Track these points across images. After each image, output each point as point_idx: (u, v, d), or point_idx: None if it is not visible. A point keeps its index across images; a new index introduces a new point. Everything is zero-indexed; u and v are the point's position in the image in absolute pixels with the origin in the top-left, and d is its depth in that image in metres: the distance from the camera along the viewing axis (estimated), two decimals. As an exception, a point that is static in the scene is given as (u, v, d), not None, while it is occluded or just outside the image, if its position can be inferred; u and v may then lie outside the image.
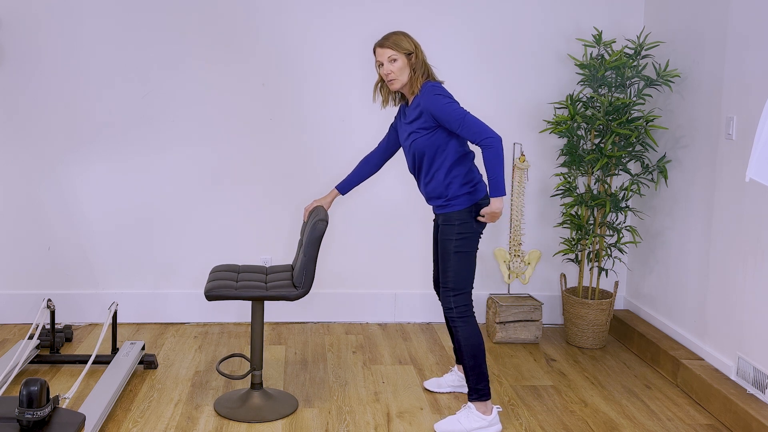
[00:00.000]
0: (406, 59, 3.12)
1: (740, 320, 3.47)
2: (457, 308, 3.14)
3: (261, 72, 4.39)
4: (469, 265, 3.15)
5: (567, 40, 4.49)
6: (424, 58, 3.16)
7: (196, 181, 4.45)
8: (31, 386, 2.55)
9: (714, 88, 3.73)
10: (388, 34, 3.16)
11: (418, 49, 3.14)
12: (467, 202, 3.13)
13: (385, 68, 3.14)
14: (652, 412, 3.45)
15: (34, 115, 4.32)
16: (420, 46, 3.17)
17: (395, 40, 3.12)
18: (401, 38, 3.13)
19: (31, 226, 4.40)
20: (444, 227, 3.15)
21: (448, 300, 3.15)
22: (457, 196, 3.12)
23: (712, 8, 3.76)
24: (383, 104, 3.31)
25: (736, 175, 3.53)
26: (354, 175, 3.46)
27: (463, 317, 3.14)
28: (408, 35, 3.16)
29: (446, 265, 3.15)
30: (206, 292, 3.19)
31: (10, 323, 4.44)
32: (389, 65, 3.12)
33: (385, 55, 3.13)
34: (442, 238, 3.16)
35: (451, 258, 3.13)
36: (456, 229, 3.12)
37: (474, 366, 3.15)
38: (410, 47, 3.12)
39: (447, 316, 3.18)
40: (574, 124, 4.17)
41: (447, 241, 3.14)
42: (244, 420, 3.23)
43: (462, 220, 3.12)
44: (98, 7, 4.27)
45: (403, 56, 3.11)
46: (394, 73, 3.13)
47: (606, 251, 4.29)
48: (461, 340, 3.14)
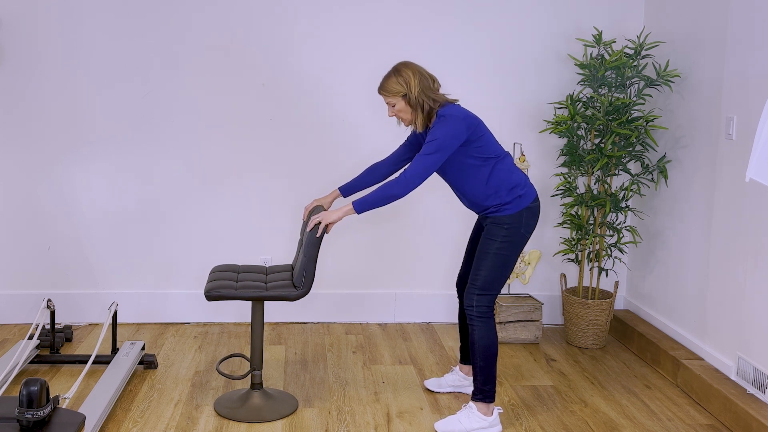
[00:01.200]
0: (403, 100, 3.11)
1: (740, 320, 3.47)
2: (478, 307, 3.13)
3: (261, 72, 4.39)
4: (504, 269, 3.14)
5: (567, 40, 4.49)
6: (423, 91, 3.08)
7: (196, 181, 4.45)
8: (31, 386, 2.55)
9: (714, 88, 3.73)
10: (382, 79, 3.15)
11: (412, 86, 3.07)
12: (518, 206, 3.12)
13: (389, 112, 3.19)
14: (652, 412, 3.45)
15: (34, 115, 4.32)
16: (414, 78, 3.08)
17: (387, 87, 3.12)
18: (392, 83, 3.11)
19: (31, 226, 4.40)
20: (492, 227, 3.13)
21: (471, 298, 3.14)
22: (508, 202, 3.12)
23: (712, 8, 3.76)
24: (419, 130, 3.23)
25: (736, 175, 3.53)
26: (359, 181, 3.45)
27: (482, 317, 3.14)
28: (400, 73, 3.10)
29: (481, 264, 3.13)
30: (206, 292, 3.19)
31: (10, 323, 4.44)
32: (391, 109, 3.17)
33: (385, 100, 3.17)
34: (486, 237, 3.14)
35: (489, 258, 3.12)
36: (503, 231, 3.11)
37: (484, 367, 3.15)
38: (401, 88, 3.09)
39: (467, 313, 3.17)
40: (574, 124, 4.17)
41: (490, 241, 3.12)
42: (244, 420, 3.23)
43: (511, 225, 3.11)
44: (98, 7, 4.26)
45: (398, 98, 3.12)
46: (397, 115, 3.17)
47: (606, 251, 4.29)
48: (476, 340, 3.14)
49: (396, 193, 3.03)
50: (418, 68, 3.13)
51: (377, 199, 3.05)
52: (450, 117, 3.05)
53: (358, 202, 3.06)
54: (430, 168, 3.02)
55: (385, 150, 4.39)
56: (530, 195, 3.16)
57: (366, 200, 3.05)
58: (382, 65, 4.42)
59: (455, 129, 3.03)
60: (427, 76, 3.13)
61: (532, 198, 3.16)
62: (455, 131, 3.03)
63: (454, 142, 3.03)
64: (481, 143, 3.10)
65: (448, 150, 3.03)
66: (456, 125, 3.03)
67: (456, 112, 3.07)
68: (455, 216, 4.58)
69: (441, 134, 3.02)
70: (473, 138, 3.08)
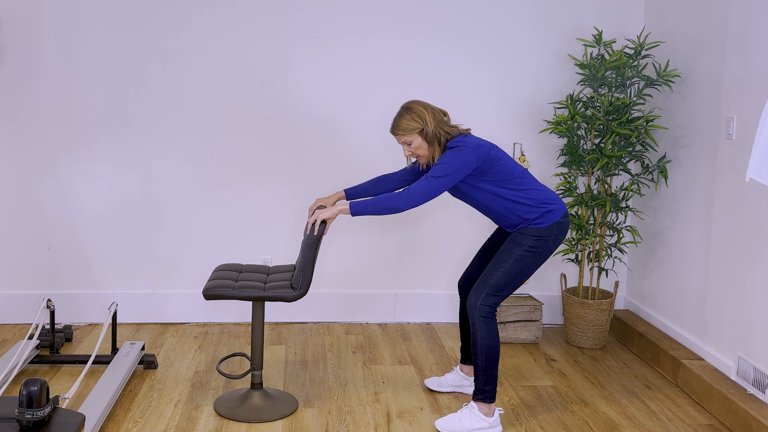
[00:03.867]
0: (420, 136, 3.11)
1: (740, 320, 3.47)
2: (482, 307, 3.13)
3: (261, 72, 4.39)
4: (520, 276, 3.14)
5: (567, 40, 4.49)
6: (438, 126, 3.10)
7: (197, 181, 4.45)
8: (31, 386, 2.55)
9: (714, 88, 3.73)
10: (395, 119, 3.15)
11: (428, 121, 3.09)
12: (548, 221, 3.11)
13: (405, 150, 3.18)
14: (652, 412, 3.45)
15: (34, 114, 4.32)
16: (428, 113, 3.10)
17: (401, 125, 3.11)
18: (407, 120, 3.11)
19: (31, 225, 4.40)
20: (519, 235, 3.13)
21: (478, 297, 3.13)
22: (537, 217, 3.12)
23: (712, 8, 3.76)
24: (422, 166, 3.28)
25: (736, 175, 3.53)
26: (366, 187, 3.44)
27: (484, 318, 3.13)
28: (412, 110, 3.11)
29: (500, 265, 3.12)
30: (204, 291, 3.19)
31: (10, 323, 4.43)
32: (407, 148, 3.16)
33: (399, 140, 3.16)
34: (512, 241, 3.13)
35: (510, 262, 3.11)
36: (531, 241, 3.10)
37: (486, 367, 3.15)
38: (418, 125, 3.09)
39: (469, 313, 3.16)
40: (574, 124, 4.17)
41: (516, 247, 3.12)
42: (244, 420, 3.23)
43: (540, 236, 3.11)
44: (98, 7, 4.26)
45: (415, 135, 3.11)
46: (414, 153, 3.16)
47: (606, 251, 4.29)
48: (478, 340, 3.14)
49: (395, 207, 3.03)
50: (428, 104, 3.15)
51: (375, 207, 3.05)
52: (461, 146, 3.06)
53: (355, 204, 3.06)
54: (435, 191, 3.03)
55: (385, 148, 4.39)
56: (560, 210, 3.15)
57: (364, 205, 3.05)
58: (381, 65, 4.43)
59: (465, 158, 3.03)
60: (437, 110, 3.15)
61: (562, 213, 3.15)
62: (464, 160, 3.03)
63: (463, 170, 3.03)
64: (497, 169, 3.10)
65: (456, 177, 3.04)
66: (466, 154, 3.03)
67: (467, 142, 3.07)
68: (455, 216, 4.58)
69: (450, 161, 3.03)
70: (487, 166, 3.08)
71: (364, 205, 3.05)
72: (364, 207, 3.05)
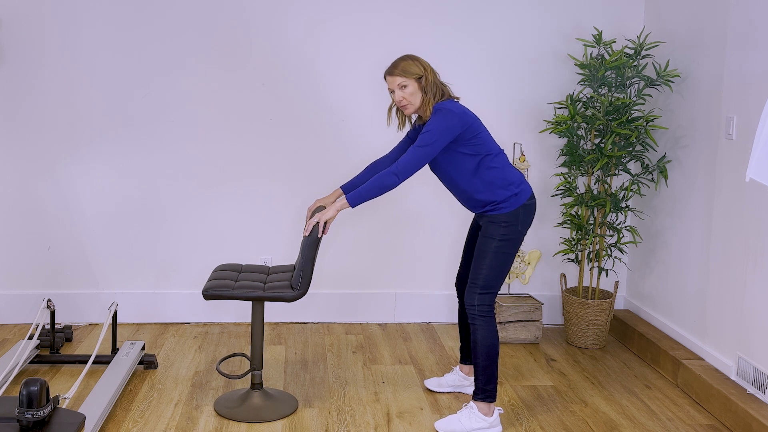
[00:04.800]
0: (417, 83, 3.11)
1: (740, 320, 3.47)
2: (480, 306, 3.13)
3: (261, 72, 4.39)
4: (503, 267, 3.14)
5: (567, 40, 4.49)
6: (435, 79, 3.13)
7: (196, 181, 4.45)
8: (31, 386, 2.55)
9: (714, 88, 3.73)
10: (396, 61, 3.15)
11: (428, 71, 3.11)
12: (515, 204, 3.12)
13: (397, 95, 3.14)
14: (652, 412, 3.45)
15: (34, 115, 4.32)
16: (430, 66, 3.14)
17: (403, 67, 3.11)
18: (409, 63, 3.11)
19: (31, 225, 4.40)
20: (488, 225, 3.14)
21: (473, 297, 3.14)
22: (504, 200, 3.12)
23: (712, 8, 3.76)
24: (399, 127, 3.30)
25: (736, 175, 3.53)
26: (360, 179, 3.43)
27: (484, 316, 3.14)
28: (416, 58, 3.14)
29: (481, 263, 3.13)
30: (204, 292, 3.19)
31: (10, 323, 4.44)
32: (400, 92, 3.12)
33: (395, 82, 3.13)
34: (484, 236, 3.14)
35: (489, 257, 3.12)
36: (501, 230, 3.11)
37: (486, 366, 3.15)
38: (419, 71, 3.10)
39: (468, 312, 3.17)
40: (574, 124, 4.17)
41: (489, 240, 3.13)
42: (244, 420, 3.23)
43: (508, 222, 3.11)
44: (98, 7, 4.27)
45: (413, 81, 3.10)
46: (405, 98, 3.13)
47: (606, 251, 4.29)
48: (478, 339, 3.14)
49: (388, 184, 3.03)
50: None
51: (370, 191, 3.04)
52: (447, 111, 3.06)
53: (352, 196, 3.06)
54: (422, 160, 3.03)
55: (386, 149, 4.39)
56: (526, 192, 3.16)
57: (359, 193, 3.05)
58: (381, 65, 4.42)
59: (450, 122, 3.03)
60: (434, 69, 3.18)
61: (527, 195, 3.16)
62: (450, 124, 3.03)
63: (448, 135, 3.03)
64: (476, 141, 3.10)
65: (441, 143, 3.03)
66: (451, 119, 3.04)
67: (453, 107, 3.08)
68: (455, 216, 4.58)
69: (435, 126, 3.03)
70: (468, 136, 3.08)
71: (359, 193, 3.05)
72: (360, 195, 3.05)
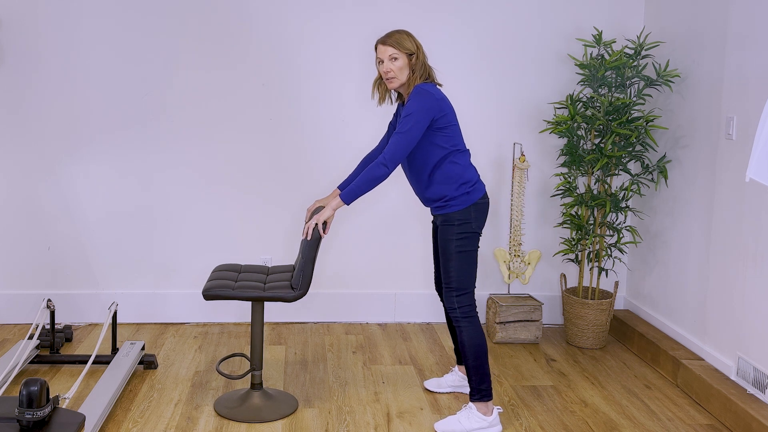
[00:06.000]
0: (407, 59, 3.11)
1: (740, 320, 3.47)
2: (461, 308, 3.14)
3: (261, 72, 4.39)
4: (470, 264, 3.14)
5: (567, 40, 4.49)
6: (425, 60, 3.15)
7: (196, 181, 4.45)
8: (31, 386, 2.55)
9: (714, 88, 3.73)
10: (391, 32, 3.15)
11: (420, 50, 3.13)
12: (466, 203, 3.12)
13: (385, 66, 3.13)
14: (652, 412, 3.45)
15: (34, 114, 4.32)
16: (422, 47, 3.16)
17: (398, 39, 3.11)
18: (404, 37, 3.12)
19: (31, 225, 4.40)
20: (443, 228, 3.15)
21: (452, 300, 3.14)
22: (455, 197, 3.12)
23: (712, 8, 3.76)
24: (380, 101, 3.29)
25: (736, 175, 3.53)
26: (356, 175, 3.44)
27: (467, 317, 3.14)
28: (411, 35, 3.15)
29: (448, 266, 3.14)
30: (204, 292, 3.19)
31: (10, 323, 4.44)
32: (389, 63, 3.11)
33: (386, 52, 3.12)
34: (443, 239, 3.15)
35: (453, 258, 3.12)
36: (456, 229, 3.12)
37: (477, 366, 3.15)
38: (412, 47, 3.11)
39: (451, 316, 3.17)
40: (574, 124, 4.17)
41: (447, 242, 3.13)
42: (244, 420, 3.23)
43: (461, 220, 3.12)
44: (98, 8, 4.27)
45: (404, 56, 3.10)
46: (393, 71, 3.12)
47: (606, 251, 4.29)
48: (465, 341, 3.14)
49: (379, 175, 3.03)
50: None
51: (362, 185, 3.04)
52: (426, 92, 3.06)
53: (345, 193, 3.06)
54: (407, 144, 3.02)
55: (385, 150, 4.39)
56: (479, 191, 3.16)
57: (352, 189, 3.05)
58: (382, 65, 4.43)
59: (428, 104, 3.03)
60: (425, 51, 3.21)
61: (480, 194, 3.16)
62: (428, 106, 3.03)
63: (426, 116, 3.03)
64: (447, 132, 3.10)
65: (422, 124, 3.02)
66: (430, 101, 3.04)
67: (434, 91, 3.08)
68: (455, 216, 4.58)
69: (415, 109, 3.02)
70: (442, 123, 3.08)
71: (352, 189, 3.05)
72: (353, 191, 3.05)
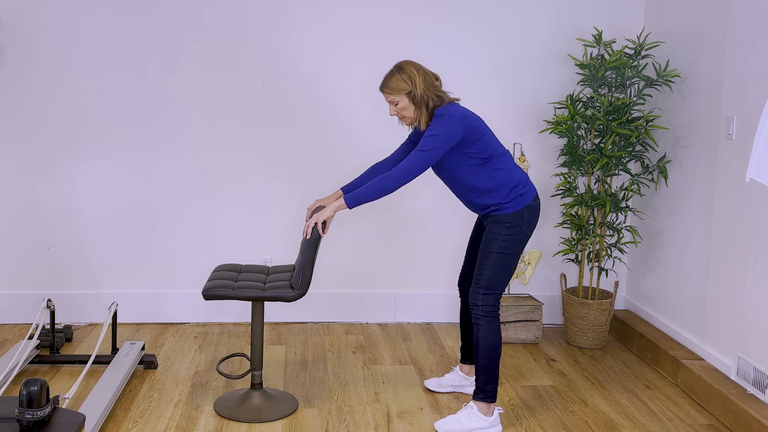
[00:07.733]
0: (407, 97, 3.10)
1: (740, 320, 3.47)
2: (483, 306, 3.13)
3: (261, 72, 4.39)
4: (507, 268, 3.14)
5: (567, 40, 4.49)
6: (427, 89, 3.08)
7: (196, 181, 4.45)
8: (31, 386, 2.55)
9: (714, 88, 3.73)
10: (385, 77, 3.14)
11: (417, 84, 3.07)
12: (519, 205, 3.12)
13: (391, 111, 3.17)
14: (652, 412, 3.45)
15: (34, 114, 4.32)
16: (420, 76, 3.08)
17: (390, 84, 3.11)
18: (396, 80, 3.10)
19: (31, 225, 4.40)
20: (493, 225, 3.14)
21: (477, 297, 3.14)
22: (508, 201, 3.12)
23: (712, 8, 3.76)
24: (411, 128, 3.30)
25: (736, 175, 3.53)
26: (361, 181, 3.42)
27: (487, 316, 3.14)
28: (405, 70, 3.10)
29: (485, 263, 3.13)
30: (204, 292, 3.19)
31: (10, 323, 4.44)
32: (393, 108, 3.15)
33: (387, 99, 3.15)
34: (488, 236, 3.14)
35: (493, 257, 3.12)
36: (505, 230, 3.11)
37: (488, 366, 3.15)
38: (406, 86, 3.08)
39: (472, 312, 3.17)
40: (574, 124, 4.17)
41: (493, 240, 3.12)
42: (244, 420, 3.23)
43: (512, 223, 3.11)
44: (98, 7, 4.27)
45: (403, 95, 3.10)
46: (400, 114, 3.15)
47: (606, 251, 4.29)
48: (480, 339, 3.14)
49: (387, 187, 3.03)
50: (420, 66, 3.14)
51: (369, 194, 3.04)
52: (448, 116, 3.05)
53: (350, 197, 3.06)
54: (423, 164, 3.02)
55: (386, 149, 4.39)
56: (530, 193, 3.16)
57: (358, 195, 3.05)
58: (381, 65, 4.42)
59: (452, 128, 3.02)
60: (429, 73, 3.14)
61: (532, 196, 3.16)
62: (451, 130, 3.02)
63: (450, 140, 3.02)
64: (480, 143, 3.09)
65: (443, 148, 3.02)
66: (453, 124, 3.03)
67: (454, 112, 3.06)
68: (455, 216, 4.58)
69: (437, 131, 3.02)
70: (471, 138, 3.07)
71: (358, 195, 3.05)
72: (359, 197, 3.05)
